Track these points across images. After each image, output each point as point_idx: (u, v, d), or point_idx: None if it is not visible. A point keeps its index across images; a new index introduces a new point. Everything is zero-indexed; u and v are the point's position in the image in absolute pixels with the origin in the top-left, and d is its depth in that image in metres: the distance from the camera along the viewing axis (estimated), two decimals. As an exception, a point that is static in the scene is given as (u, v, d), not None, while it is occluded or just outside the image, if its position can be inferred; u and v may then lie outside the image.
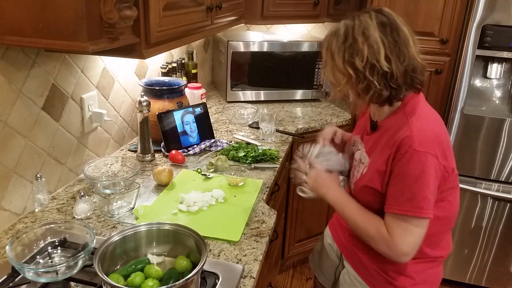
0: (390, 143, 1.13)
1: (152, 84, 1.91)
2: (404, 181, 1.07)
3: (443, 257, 1.30)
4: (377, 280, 1.26)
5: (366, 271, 1.29)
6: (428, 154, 1.05)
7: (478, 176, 2.31)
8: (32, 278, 0.99)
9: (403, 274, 1.23)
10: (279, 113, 2.43)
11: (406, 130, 1.09)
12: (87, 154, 1.64)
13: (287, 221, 2.43)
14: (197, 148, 1.85)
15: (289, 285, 2.58)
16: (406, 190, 1.07)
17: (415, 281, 1.24)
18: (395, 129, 1.14)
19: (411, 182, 1.06)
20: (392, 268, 1.24)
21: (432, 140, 1.07)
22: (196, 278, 0.97)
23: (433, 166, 1.05)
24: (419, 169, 1.05)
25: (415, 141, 1.06)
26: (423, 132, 1.08)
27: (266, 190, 1.57)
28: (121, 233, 1.07)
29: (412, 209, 1.06)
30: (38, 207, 1.38)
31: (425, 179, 1.05)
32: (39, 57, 1.32)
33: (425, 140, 1.06)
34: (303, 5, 2.50)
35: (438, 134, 1.11)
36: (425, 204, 1.06)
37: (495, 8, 2.06)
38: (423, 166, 1.05)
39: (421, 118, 1.12)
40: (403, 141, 1.08)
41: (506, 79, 2.27)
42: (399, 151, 1.08)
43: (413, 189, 1.06)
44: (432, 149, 1.06)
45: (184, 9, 1.47)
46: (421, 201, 1.05)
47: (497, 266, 2.45)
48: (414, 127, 1.09)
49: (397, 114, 1.16)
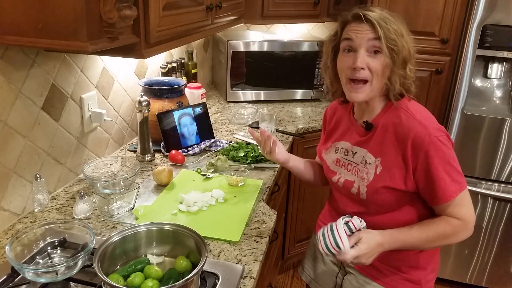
0: (399, 139, 1.13)
1: (152, 84, 1.91)
2: (445, 166, 1.10)
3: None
4: (392, 279, 1.25)
5: (378, 272, 1.27)
6: (443, 138, 1.11)
7: (478, 176, 2.31)
8: (32, 278, 0.99)
9: (415, 267, 1.25)
10: (279, 113, 2.43)
11: (414, 122, 1.12)
12: (87, 154, 1.64)
13: (287, 221, 2.43)
14: (197, 148, 1.85)
15: (289, 285, 2.58)
16: (450, 172, 1.11)
17: (426, 271, 1.27)
18: (397, 123, 1.14)
19: (449, 163, 1.11)
20: (406, 264, 1.24)
21: (438, 128, 1.13)
22: (196, 278, 0.97)
23: (449, 142, 1.13)
24: (447, 148, 1.11)
25: (430, 130, 1.10)
26: (427, 121, 1.13)
27: (266, 190, 1.57)
28: (121, 233, 1.06)
29: (461, 185, 1.13)
30: (38, 207, 1.37)
31: (452, 156, 1.12)
32: (38, 57, 1.32)
33: (433, 128, 1.11)
34: (303, 4, 2.50)
35: (437, 123, 1.17)
36: (462, 178, 1.14)
37: (496, 8, 2.06)
38: (447, 144, 1.11)
39: (419, 111, 1.16)
40: (419, 134, 1.10)
41: (507, 79, 2.27)
42: (422, 145, 1.09)
43: (454, 168, 1.11)
44: (442, 129, 1.13)
45: (184, 8, 1.47)
46: (459, 177, 1.13)
47: (497, 266, 2.45)
48: (421, 119, 1.13)
49: (391, 110, 1.17)
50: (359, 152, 1.23)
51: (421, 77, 2.33)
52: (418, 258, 1.24)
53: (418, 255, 1.23)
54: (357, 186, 1.22)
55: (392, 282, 1.26)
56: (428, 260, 1.26)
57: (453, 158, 1.12)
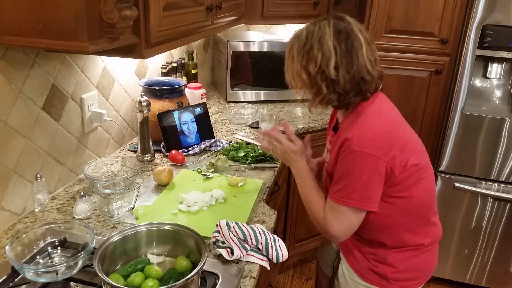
0: (338, 143, 1.21)
1: (152, 84, 1.91)
2: (341, 174, 1.18)
3: (426, 245, 1.32)
4: (362, 266, 1.33)
5: (353, 258, 1.35)
6: (364, 154, 1.13)
7: (478, 176, 2.31)
8: (32, 278, 0.99)
9: (383, 263, 1.30)
10: (279, 113, 2.43)
11: (349, 131, 1.18)
12: (87, 154, 1.64)
13: (287, 221, 2.43)
14: (197, 148, 1.85)
15: (289, 285, 2.58)
16: (341, 181, 1.17)
17: (397, 269, 1.29)
18: (346, 129, 1.21)
19: (345, 175, 1.16)
20: (373, 257, 1.31)
21: (371, 139, 1.14)
22: (196, 278, 0.97)
23: (370, 164, 1.13)
24: (354, 165, 1.14)
25: (353, 142, 1.14)
26: (363, 132, 1.15)
27: (266, 190, 1.57)
28: (121, 233, 1.07)
29: (342, 198, 1.17)
30: (38, 207, 1.38)
31: (359, 174, 1.14)
32: (39, 57, 1.32)
33: (364, 140, 1.14)
34: (303, 5, 2.50)
35: (380, 131, 1.17)
36: (355, 196, 1.15)
37: (495, 8, 2.06)
38: (358, 163, 1.14)
39: (367, 118, 1.19)
40: (344, 141, 1.17)
41: (506, 79, 2.27)
42: (341, 148, 1.18)
43: (346, 181, 1.16)
44: (371, 148, 1.13)
45: (184, 9, 1.47)
46: (351, 193, 1.16)
47: (497, 266, 2.45)
48: (356, 128, 1.17)
49: (350, 116, 1.24)
50: (327, 148, 1.39)
51: (421, 77, 2.34)
52: (386, 254, 1.29)
53: (386, 252, 1.29)
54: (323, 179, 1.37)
55: (361, 270, 1.33)
56: (400, 259, 1.29)
57: (356, 175, 1.14)
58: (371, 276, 1.31)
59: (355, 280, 1.35)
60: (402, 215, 1.25)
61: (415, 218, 1.28)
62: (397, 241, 1.28)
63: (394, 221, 1.25)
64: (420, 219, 1.29)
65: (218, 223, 1.19)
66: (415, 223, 1.28)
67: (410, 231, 1.28)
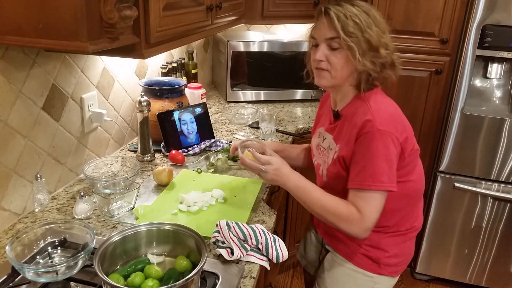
0: (351, 126, 1.21)
1: (152, 84, 1.91)
2: (367, 158, 1.15)
3: (413, 230, 1.38)
4: (354, 253, 1.34)
5: (345, 246, 1.36)
6: (388, 133, 1.14)
7: (478, 176, 2.32)
8: (32, 278, 0.99)
9: (377, 247, 1.32)
10: (279, 113, 2.43)
11: (366, 112, 1.18)
12: (87, 154, 1.64)
13: (287, 221, 2.43)
14: (197, 148, 1.85)
15: (289, 285, 2.58)
16: (368, 165, 1.14)
17: (388, 253, 1.33)
18: (355, 113, 1.22)
19: (373, 158, 1.14)
20: (366, 242, 1.31)
21: (390, 121, 1.17)
22: (196, 278, 0.97)
23: (392, 143, 1.14)
24: (381, 146, 1.13)
25: (376, 121, 1.15)
26: (381, 113, 1.18)
27: (266, 190, 1.57)
28: (121, 233, 1.07)
29: (374, 183, 1.13)
30: (38, 207, 1.38)
31: (386, 155, 1.14)
32: (39, 57, 1.32)
33: (384, 120, 1.16)
34: (303, 5, 2.50)
35: (394, 114, 1.21)
36: (385, 178, 1.14)
37: (495, 8, 2.06)
38: (384, 142, 1.13)
39: (379, 102, 1.22)
40: (365, 123, 1.15)
41: (506, 79, 2.27)
42: (362, 131, 1.16)
43: (375, 164, 1.14)
44: (392, 128, 1.15)
45: (184, 9, 1.47)
46: (381, 175, 1.13)
47: (497, 266, 2.45)
48: (374, 110, 1.18)
49: (355, 101, 1.25)
50: (327, 138, 1.35)
51: (421, 77, 2.34)
52: (379, 238, 1.31)
53: (380, 236, 1.31)
54: (322, 169, 1.35)
55: (354, 257, 1.35)
56: (391, 244, 1.33)
57: (384, 156, 1.13)
58: (362, 260, 1.34)
59: (344, 265, 1.37)
60: (402, 199, 1.27)
61: (412, 202, 1.33)
62: (394, 225, 1.31)
63: (394, 205, 1.26)
64: (415, 203, 1.35)
65: (218, 223, 1.19)
66: (411, 207, 1.33)
67: (406, 215, 1.33)
